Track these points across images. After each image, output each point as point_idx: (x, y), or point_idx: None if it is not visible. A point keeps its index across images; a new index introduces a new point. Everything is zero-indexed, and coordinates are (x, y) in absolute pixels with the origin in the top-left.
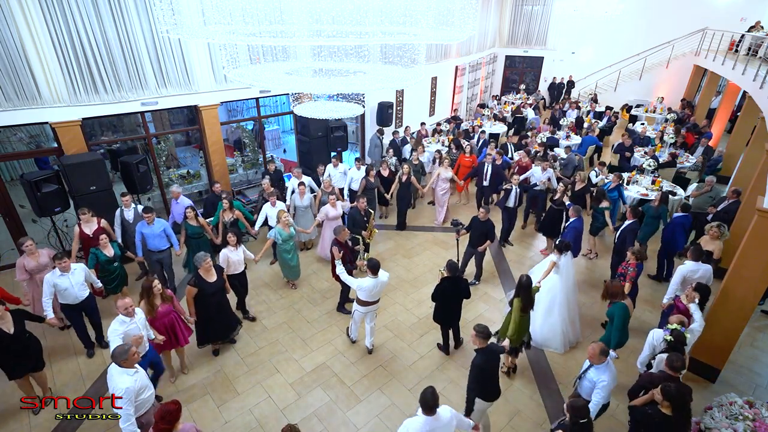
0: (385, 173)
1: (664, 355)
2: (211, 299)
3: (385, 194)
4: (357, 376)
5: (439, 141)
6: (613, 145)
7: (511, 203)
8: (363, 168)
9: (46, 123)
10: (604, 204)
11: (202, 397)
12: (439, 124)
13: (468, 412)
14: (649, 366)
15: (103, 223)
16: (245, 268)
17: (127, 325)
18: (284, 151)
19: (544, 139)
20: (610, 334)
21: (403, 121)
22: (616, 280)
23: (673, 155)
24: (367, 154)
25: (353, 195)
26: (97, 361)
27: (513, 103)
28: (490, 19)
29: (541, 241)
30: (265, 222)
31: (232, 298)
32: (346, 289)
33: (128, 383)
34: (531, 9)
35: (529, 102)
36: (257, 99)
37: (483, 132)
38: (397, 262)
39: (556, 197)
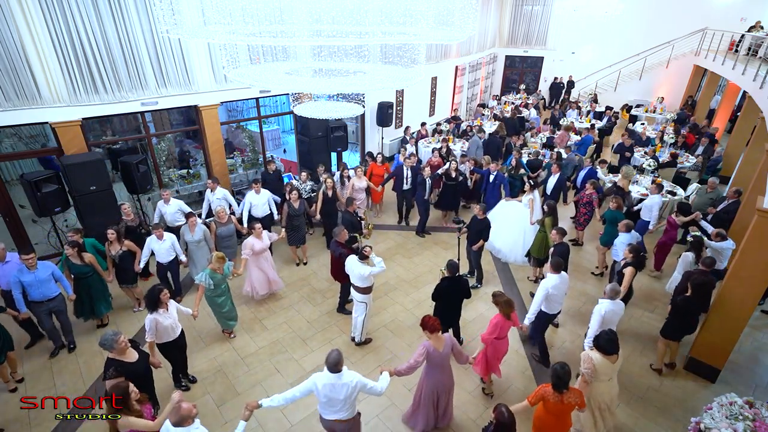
0: (296, 204)
1: (688, 254)
2: (136, 384)
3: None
4: None
5: (439, 141)
6: (613, 145)
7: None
8: (264, 192)
9: (46, 123)
10: (521, 171)
11: (202, 396)
12: (439, 124)
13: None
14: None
15: None
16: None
17: None
18: (284, 151)
19: (544, 140)
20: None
21: (403, 121)
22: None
23: (674, 155)
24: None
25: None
26: (96, 361)
27: (513, 103)
28: (490, 19)
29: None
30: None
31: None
32: (346, 289)
33: None
34: (531, 9)
35: (530, 101)
36: (257, 99)
37: (483, 132)
38: (397, 262)
39: (453, 175)
